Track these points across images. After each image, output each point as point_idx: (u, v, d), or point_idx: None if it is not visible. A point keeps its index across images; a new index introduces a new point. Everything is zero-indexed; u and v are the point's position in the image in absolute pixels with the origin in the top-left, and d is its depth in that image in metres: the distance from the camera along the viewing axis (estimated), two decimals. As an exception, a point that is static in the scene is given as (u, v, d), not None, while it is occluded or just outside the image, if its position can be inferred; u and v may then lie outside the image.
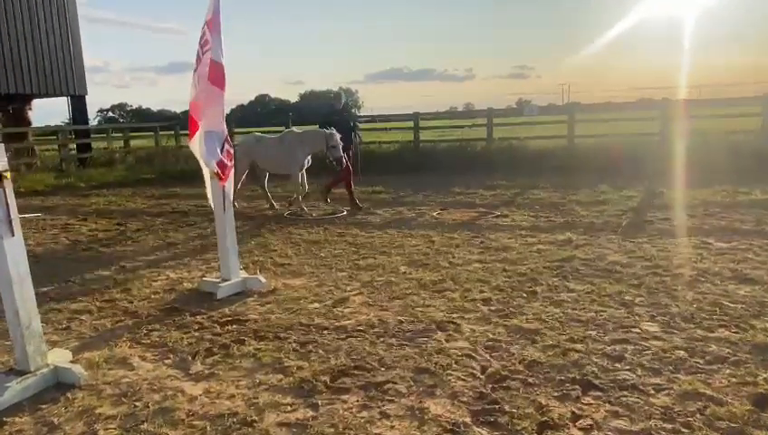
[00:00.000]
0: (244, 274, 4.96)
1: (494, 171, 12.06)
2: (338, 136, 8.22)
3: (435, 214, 8.00)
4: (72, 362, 3.36)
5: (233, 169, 4.86)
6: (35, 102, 18.32)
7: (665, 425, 2.53)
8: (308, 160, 8.55)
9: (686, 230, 6.30)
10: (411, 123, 15.31)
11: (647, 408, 2.67)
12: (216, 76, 4.36)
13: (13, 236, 2.97)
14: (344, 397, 2.91)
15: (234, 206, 8.47)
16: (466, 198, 9.39)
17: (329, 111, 9.10)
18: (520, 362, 3.20)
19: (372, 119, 19.12)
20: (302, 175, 8.60)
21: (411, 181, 11.41)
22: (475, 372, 3.13)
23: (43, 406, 2.94)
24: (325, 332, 3.80)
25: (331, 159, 8.29)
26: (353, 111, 8.91)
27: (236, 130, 17.33)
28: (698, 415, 2.59)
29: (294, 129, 9.26)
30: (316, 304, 4.37)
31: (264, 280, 4.87)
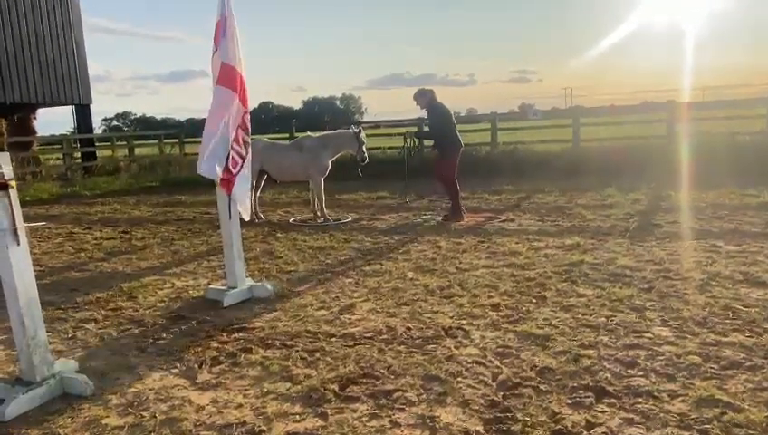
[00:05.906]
0: (250, 281, 4.93)
1: (499, 176, 12.01)
2: (362, 133, 8.26)
3: (440, 219, 7.96)
4: (78, 371, 3.33)
5: (242, 177, 4.63)
6: (40, 111, 18.43)
7: (682, 432, 2.48)
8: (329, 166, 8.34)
9: (694, 233, 6.25)
10: (415, 128, 15.27)
11: (662, 415, 2.62)
12: (227, 78, 4.28)
13: (18, 245, 2.95)
14: (353, 406, 2.87)
15: (260, 218, 8.48)
16: (472, 202, 9.34)
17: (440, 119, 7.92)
18: (531, 369, 3.16)
19: (377, 125, 19.15)
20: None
21: (416, 186, 11.35)
22: (485, 379, 3.08)
23: (49, 417, 2.91)
24: (333, 339, 3.76)
25: (359, 158, 8.24)
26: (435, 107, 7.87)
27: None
28: (715, 422, 2.54)
29: (310, 134, 8.92)
30: (323, 311, 4.33)
31: (270, 287, 4.84)
